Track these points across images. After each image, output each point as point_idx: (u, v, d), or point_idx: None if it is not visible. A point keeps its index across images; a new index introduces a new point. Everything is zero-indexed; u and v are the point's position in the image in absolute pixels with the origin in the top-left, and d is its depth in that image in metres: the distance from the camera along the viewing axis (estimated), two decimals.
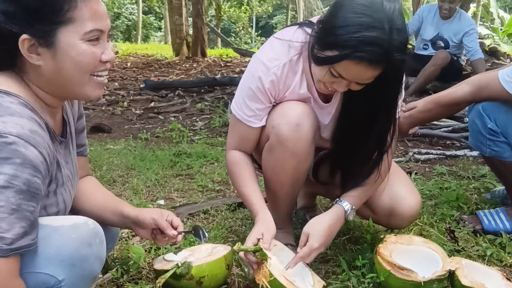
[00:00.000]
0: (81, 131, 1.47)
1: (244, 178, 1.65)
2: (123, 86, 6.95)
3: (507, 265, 1.77)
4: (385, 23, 1.32)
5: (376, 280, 1.56)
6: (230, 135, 1.70)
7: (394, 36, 1.32)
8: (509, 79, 1.80)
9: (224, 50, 14.56)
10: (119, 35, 28.71)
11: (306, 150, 1.61)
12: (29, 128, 1.06)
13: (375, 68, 1.36)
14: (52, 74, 1.15)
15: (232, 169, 1.69)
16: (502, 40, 10.63)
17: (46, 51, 1.12)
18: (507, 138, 1.89)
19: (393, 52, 1.34)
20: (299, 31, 1.58)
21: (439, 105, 1.98)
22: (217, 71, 8.73)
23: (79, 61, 1.14)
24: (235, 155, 1.68)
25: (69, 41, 1.12)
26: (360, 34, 1.31)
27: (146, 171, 2.89)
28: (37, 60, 1.12)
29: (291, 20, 24.75)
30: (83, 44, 1.14)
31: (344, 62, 1.36)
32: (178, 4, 11.07)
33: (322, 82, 1.48)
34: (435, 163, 3.18)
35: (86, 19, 1.13)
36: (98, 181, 1.58)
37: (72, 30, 1.12)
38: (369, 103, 1.52)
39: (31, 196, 1.04)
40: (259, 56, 1.60)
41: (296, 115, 1.57)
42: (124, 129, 4.51)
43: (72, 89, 1.20)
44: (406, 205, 1.72)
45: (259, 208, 1.60)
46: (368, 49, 1.32)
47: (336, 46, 1.36)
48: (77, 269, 1.12)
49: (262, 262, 1.43)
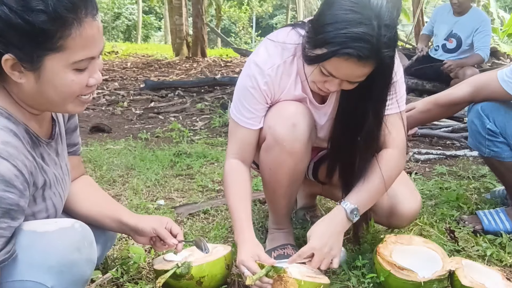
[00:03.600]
0: (73, 130, 1.44)
1: (235, 191, 1.61)
2: (123, 86, 6.96)
3: (507, 265, 1.77)
4: (373, 19, 1.32)
5: (376, 280, 1.56)
6: (230, 142, 1.67)
7: (382, 32, 1.32)
8: (508, 79, 1.80)
9: (224, 50, 14.58)
10: (119, 35, 28.72)
11: (303, 150, 1.61)
12: (1, 140, 1.02)
13: (365, 64, 1.35)
14: (33, 93, 1.09)
15: (226, 180, 1.64)
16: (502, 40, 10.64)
17: (30, 73, 1.06)
18: (506, 139, 1.89)
19: (381, 48, 1.33)
20: (293, 32, 1.58)
21: (438, 106, 1.99)
22: (217, 71, 8.74)
23: (63, 91, 1.09)
24: (233, 165, 1.64)
25: (55, 69, 1.06)
26: (348, 30, 1.31)
27: (146, 171, 2.89)
28: (19, 78, 1.06)
29: (291, 20, 24.73)
30: (70, 74, 1.07)
31: (333, 60, 1.36)
32: (178, 4, 11.08)
33: (315, 82, 1.48)
34: (435, 163, 3.18)
35: (78, 48, 1.06)
36: (93, 181, 1.57)
37: (61, 58, 1.05)
38: (363, 101, 1.51)
39: (3, 213, 1.00)
40: (254, 58, 1.60)
41: (292, 115, 1.57)
42: (124, 129, 4.51)
43: (52, 108, 1.17)
44: (407, 205, 1.72)
45: (244, 228, 1.55)
46: (356, 45, 1.31)
47: (325, 43, 1.35)
48: (66, 275, 1.09)
49: (281, 277, 1.41)
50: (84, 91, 1.13)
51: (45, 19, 1.00)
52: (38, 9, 1.00)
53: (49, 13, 1.00)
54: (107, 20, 28.28)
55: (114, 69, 9.13)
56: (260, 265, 1.45)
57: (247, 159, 1.66)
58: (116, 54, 12.54)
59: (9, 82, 1.09)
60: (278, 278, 1.42)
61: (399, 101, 1.61)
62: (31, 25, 1.00)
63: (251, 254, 1.47)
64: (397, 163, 1.63)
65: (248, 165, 1.68)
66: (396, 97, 1.59)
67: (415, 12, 8.32)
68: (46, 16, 1.00)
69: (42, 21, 1.00)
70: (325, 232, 1.54)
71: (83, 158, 3.15)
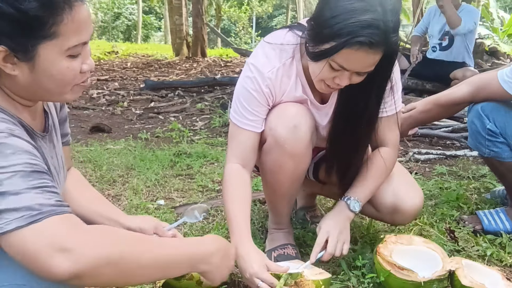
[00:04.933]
0: (64, 120, 1.42)
1: (235, 198, 1.57)
2: (123, 86, 6.96)
3: (507, 265, 1.77)
4: (377, 5, 1.31)
5: (376, 280, 1.56)
6: (231, 146, 1.64)
7: (389, 17, 1.32)
8: (508, 79, 1.80)
9: (224, 50, 14.57)
10: (119, 35, 28.72)
11: (304, 151, 1.61)
12: (5, 126, 1.00)
13: (375, 51, 1.35)
14: (28, 84, 1.07)
15: (225, 185, 1.60)
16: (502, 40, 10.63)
17: (23, 64, 1.03)
18: (506, 139, 1.89)
19: (389, 32, 1.33)
20: (290, 34, 1.57)
21: (438, 106, 1.99)
22: (217, 71, 8.74)
23: (60, 79, 1.07)
24: (233, 170, 1.60)
25: (50, 57, 1.04)
26: (356, 19, 1.30)
27: (146, 171, 2.89)
28: (12, 70, 1.04)
29: (291, 20, 24.75)
30: (64, 61, 1.06)
31: (343, 51, 1.34)
32: (178, 4, 11.09)
33: (323, 81, 1.46)
34: (435, 163, 3.18)
35: (70, 34, 1.04)
36: (82, 176, 1.54)
37: (55, 45, 1.03)
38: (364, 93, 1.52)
39: (41, 172, 0.98)
40: (252, 62, 1.58)
41: (293, 116, 1.57)
42: (124, 129, 4.51)
43: (50, 97, 1.15)
44: (409, 201, 1.72)
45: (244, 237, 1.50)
46: (366, 32, 1.30)
47: (333, 36, 1.34)
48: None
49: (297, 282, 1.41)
50: (79, 78, 1.11)
51: (36, 6, 0.99)
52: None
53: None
54: (107, 20, 28.30)
55: (114, 69, 9.13)
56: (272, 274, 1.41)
57: (249, 164, 1.62)
58: (116, 54, 12.54)
59: (1, 75, 1.07)
60: (295, 284, 1.41)
61: (396, 102, 1.65)
62: (23, 13, 0.98)
63: (262, 265, 1.42)
64: (392, 158, 1.70)
65: (249, 170, 1.64)
66: (393, 98, 1.62)
67: (415, 12, 8.32)
68: (37, 3, 0.99)
69: (34, 8, 0.98)
70: (332, 220, 1.62)
71: (83, 158, 3.15)
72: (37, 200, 0.94)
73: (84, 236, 0.95)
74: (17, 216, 0.92)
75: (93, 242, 0.96)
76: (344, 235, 1.61)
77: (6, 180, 0.93)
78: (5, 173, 0.94)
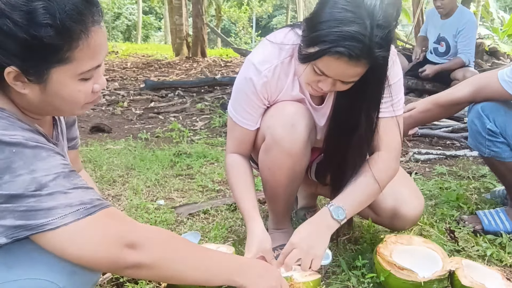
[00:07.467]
0: (72, 124, 1.43)
1: (240, 182, 1.66)
2: (123, 86, 6.96)
3: (507, 265, 1.77)
4: (365, 18, 1.30)
5: (376, 280, 1.56)
6: (229, 138, 1.71)
7: (375, 32, 1.30)
8: (508, 79, 1.80)
9: (224, 50, 14.59)
10: (119, 35, 28.73)
11: (302, 150, 1.61)
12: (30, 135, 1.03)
13: (356, 64, 1.34)
14: (38, 102, 1.07)
15: (229, 173, 1.69)
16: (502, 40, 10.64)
17: (35, 85, 1.02)
18: (506, 139, 1.89)
19: (374, 47, 1.31)
20: (291, 33, 1.58)
21: (438, 106, 1.99)
22: (217, 71, 8.75)
23: (71, 101, 1.07)
24: (234, 159, 1.69)
25: (62, 80, 1.03)
26: (340, 29, 1.30)
27: (146, 171, 2.89)
28: (22, 88, 1.03)
29: (291, 20, 24.76)
30: (77, 84, 1.05)
31: (324, 58, 1.34)
32: (178, 4, 11.10)
33: (309, 83, 1.47)
34: (435, 163, 3.18)
35: (85, 59, 1.03)
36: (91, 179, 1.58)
37: (68, 69, 1.02)
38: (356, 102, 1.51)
39: (75, 172, 1.05)
40: (251, 58, 1.59)
41: (291, 115, 1.57)
42: (124, 129, 4.51)
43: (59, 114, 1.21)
44: (410, 207, 1.71)
45: (249, 217, 1.59)
46: (347, 44, 1.29)
47: (317, 42, 1.34)
48: (78, 275, 1.09)
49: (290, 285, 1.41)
50: (89, 98, 1.11)
51: (52, 34, 0.97)
52: (45, 23, 0.95)
53: (57, 27, 0.97)
54: (107, 20, 28.28)
55: (114, 69, 9.14)
56: None
57: (246, 153, 1.72)
58: (116, 54, 12.55)
59: (11, 91, 1.06)
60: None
61: (394, 105, 1.58)
62: (38, 40, 0.96)
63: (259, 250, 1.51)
64: (388, 166, 1.60)
65: (247, 158, 1.73)
66: (391, 100, 1.56)
67: (415, 12, 8.32)
68: (53, 31, 0.96)
69: (49, 36, 0.96)
70: (306, 230, 1.52)
71: (83, 158, 3.15)
72: (86, 196, 1.02)
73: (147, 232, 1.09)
74: (72, 211, 0.98)
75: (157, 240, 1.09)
76: (316, 250, 1.48)
77: (51, 182, 0.98)
78: (48, 175, 0.99)
